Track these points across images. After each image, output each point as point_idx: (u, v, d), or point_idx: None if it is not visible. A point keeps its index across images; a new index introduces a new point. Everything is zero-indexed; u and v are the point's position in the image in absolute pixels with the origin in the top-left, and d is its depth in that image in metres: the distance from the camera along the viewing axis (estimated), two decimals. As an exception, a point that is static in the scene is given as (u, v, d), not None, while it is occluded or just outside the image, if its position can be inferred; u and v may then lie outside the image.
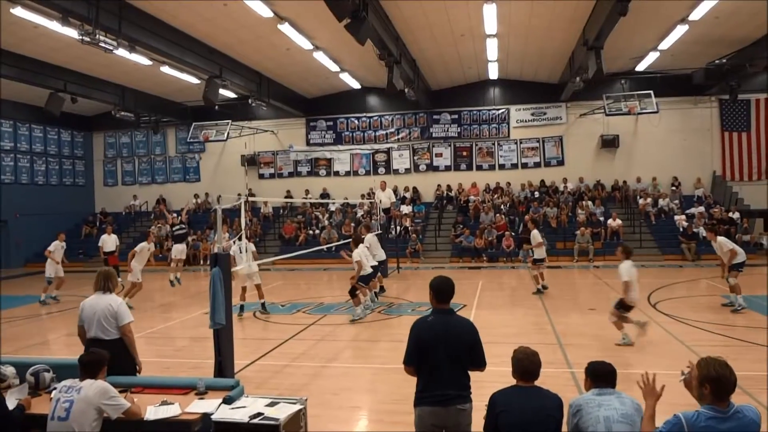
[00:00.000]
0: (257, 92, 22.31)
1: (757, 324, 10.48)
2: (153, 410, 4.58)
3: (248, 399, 4.84)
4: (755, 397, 6.45)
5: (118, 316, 5.50)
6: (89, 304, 5.57)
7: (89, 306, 5.55)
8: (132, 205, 28.63)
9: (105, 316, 5.47)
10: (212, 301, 6.95)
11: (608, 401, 3.63)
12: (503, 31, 18.51)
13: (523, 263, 20.95)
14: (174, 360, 9.01)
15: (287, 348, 9.66)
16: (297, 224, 25.06)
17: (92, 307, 5.52)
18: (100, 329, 5.46)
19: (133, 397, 4.75)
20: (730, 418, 3.22)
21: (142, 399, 4.78)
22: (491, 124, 26.08)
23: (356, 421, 6.55)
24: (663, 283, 15.68)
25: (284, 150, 27.69)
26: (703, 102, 24.36)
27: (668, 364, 8.23)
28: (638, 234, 22.38)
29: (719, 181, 24.31)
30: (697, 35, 18.66)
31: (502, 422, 3.71)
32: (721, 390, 3.25)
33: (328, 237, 22.86)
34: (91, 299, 5.61)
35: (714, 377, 3.26)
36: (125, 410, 4.36)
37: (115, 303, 5.56)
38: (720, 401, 3.26)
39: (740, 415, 3.23)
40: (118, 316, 5.50)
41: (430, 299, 4.30)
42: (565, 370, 7.94)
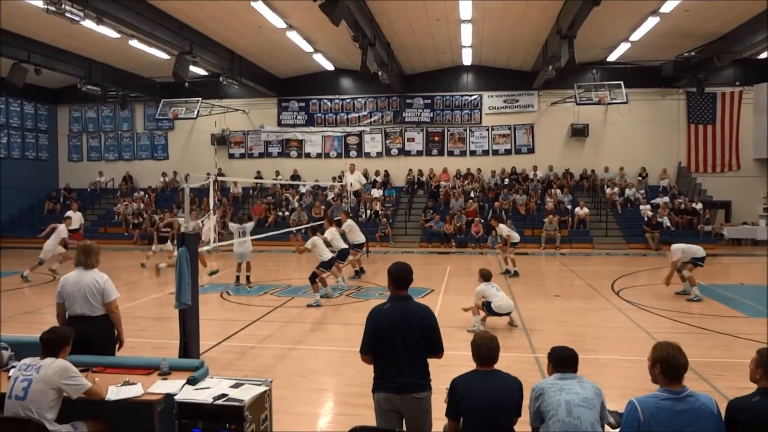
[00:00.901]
0: (229, 70, 21.93)
1: (716, 312, 10.80)
2: (115, 390, 4.51)
3: (212, 380, 4.80)
4: (711, 383, 6.64)
5: (104, 292, 5.41)
6: (72, 280, 5.43)
7: (72, 283, 5.42)
8: (97, 182, 28.03)
9: (91, 292, 5.36)
10: (178, 280, 6.85)
11: (569, 386, 3.68)
12: (478, 17, 18.49)
13: (492, 249, 21.15)
14: (138, 340, 8.87)
15: (254, 330, 9.61)
16: (267, 205, 24.85)
17: (75, 284, 5.39)
18: (87, 306, 5.36)
19: (95, 376, 4.67)
20: (683, 401, 3.31)
21: (104, 379, 4.70)
22: (463, 110, 26.14)
23: (322, 403, 6.56)
24: (627, 271, 16.02)
25: (255, 130, 27.35)
26: (670, 94, 24.78)
27: (630, 350, 8.45)
28: (604, 223, 22.76)
29: (684, 173, 24.83)
30: (668, 28, 18.92)
31: (464, 406, 3.76)
32: (671, 370, 3.36)
33: (298, 219, 22.73)
34: (72, 275, 5.47)
35: (664, 357, 3.38)
36: (86, 390, 4.29)
37: (102, 279, 5.46)
38: (672, 383, 3.36)
39: (693, 398, 3.33)
40: (105, 292, 5.41)
41: (388, 285, 4.29)
42: (530, 355, 8.07)
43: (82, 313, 5.36)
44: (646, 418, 3.29)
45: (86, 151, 28.96)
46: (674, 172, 25.11)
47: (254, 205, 25.13)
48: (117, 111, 28.13)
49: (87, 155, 28.94)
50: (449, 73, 25.92)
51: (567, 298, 12.37)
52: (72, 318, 5.38)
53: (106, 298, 5.42)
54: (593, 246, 21.79)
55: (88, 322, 5.30)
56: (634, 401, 3.39)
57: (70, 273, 5.54)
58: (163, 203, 25.73)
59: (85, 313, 5.35)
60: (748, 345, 8.18)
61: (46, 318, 8.99)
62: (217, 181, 9.86)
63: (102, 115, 28.64)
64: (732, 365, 7.37)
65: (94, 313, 5.38)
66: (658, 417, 3.28)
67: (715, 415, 3.32)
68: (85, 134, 28.89)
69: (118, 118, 28.44)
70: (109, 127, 28.69)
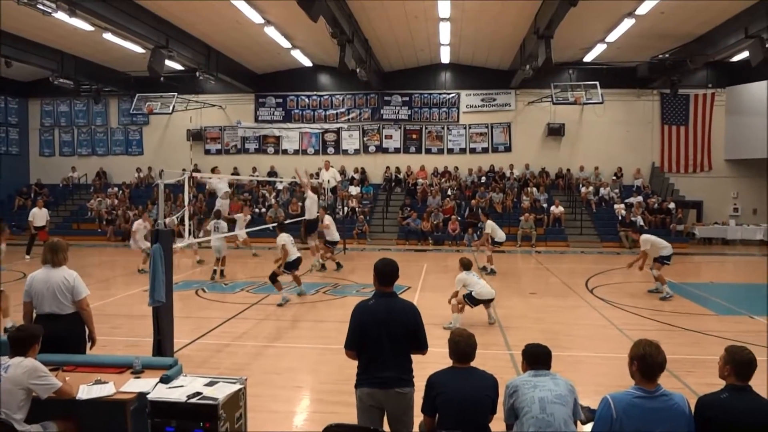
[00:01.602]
0: (205, 65, 21.69)
1: (687, 310, 10.99)
2: (86, 389, 4.43)
3: (186, 378, 4.75)
4: (682, 379, 6.76)
5: (74, 290, 5.32)
6: (39, 278, 5.33)
7: (40, 281, 5.31)
8: (70, 177, 27.53)
9: (61, 290, 5.27)
10: (152, 278, 6.75)
11: (543, 382, 3.72)
12: (456, 15, 18.54)
13: (468, 247, 21.26)
14: (110, 338, 8.74)
15: (229, 327, 9.54)
16: (243, 202, 24.63)
17: (44, 282, 5.29)
18: (56, 304, 5.26)
19: (65, 375, 4.59)
20: (656, 399, 3.36)
21: (75, 378, 4.62)
22: (441, 108, 26.21)
23: (297, 401, 6.53)
24: (601, 269, 16.21)
25: (232, 126, 27.12)
26: (645, 95, 25.12)
27: (603, 347, 8.57)
28: (579, 221, 23.03)
29: (657, 173, 25.21)
30: (643, 29, 19.18)
31: (440, 402, 3.78)
32: (647, 368, 3.40)
33: (275, 216, 22.59)
34: (40, 273, 5.37)
35: (641, 355, 3.42)
36: (56, 390, 4.21)
37: (71, 277, 5.37)
38: (647, 381, 3.41)
39: (666, 397, 3.38)
40: (75, 290, 5.33)
41: (374, 281, 4.29)
42: (505, 352, 8.13)
43: (51, 311, 5.26)
44: (618, 415, 3.33)
45: (58, 145, 28.42)
46: (648, 172, 25.48)
47: (231, 201, 24.89)
48: (90, 105, 27.64)
49: (59, 150, 28.40)
50: (427, 71, 25.96)
51: (542, 295, 12.48)
52: (40, 317, 5.28)
53: (76, 295, 5.32)
54: (568, 244, 22.03)
55: (57, 320, 5.20)
56: (608, 397, 3.43)
57: (38, 271, 5.44)
58: (138, 199, 25.38)
59: (54, 311, 5.26)
60: (717, 342, 8.33)
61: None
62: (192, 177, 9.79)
63: (75, 109, 28.13)
64: (702, 362, 7.51)
65: (64, 311, 5.29)
66: (630, 414, 3.32)
67: (686, 414, 3.38)
68: (58, 128, 28.34)
69: (92, 112, 27.96)
70: (82, 122, 28.19)
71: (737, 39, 17.74)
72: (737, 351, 3.56)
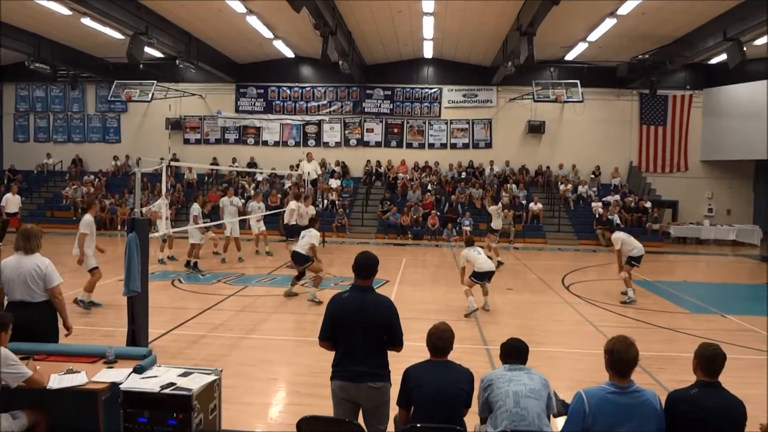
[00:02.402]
0: (186, 53, 21.43)
1: (661, 308, 11.15)
2: (57, 379, 4.36)
3: (160, 368, 4.70)
4: (654, 375, 6.86)
5: (47, 278, 5.22)
6: (11, 265, 5.23)
7: (11, 268, 5.21)
8: (45, 164, 27.08)
9: (32, 278, 5.17)
10: (127, 267, 6.67)
11: (518, 377, 3.76)
12: (440, 11, 18.55)
13: (447, 242, 21.37)
14: (84, 327, 8.63)
15: (205, 318, 9.46)
16: (222, 192, 24.42)
17: (15, 269, 5.19)
18: (27, 292, 5.16)
19: (36, 364, 4.51)
20: (628, 395, 3.41)
21: (46, 367, 4.54)
22: (423, 103, 26.23)
23: (272, 393, 6.51)
24: (577, 266, 16.39)
25: (212, 115, 26.86)
26: (624, 95, 25.39)
27: (578, 343, 8.66)
28: (557, 218, 23.24)
29: (635, 172, 25.52)
30: (624, 29, 19.36)
31: (415, 395, 3.78)
32: (618, 364, 3.44)
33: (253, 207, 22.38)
34: (12, 260, 5.27)
35: (611, 351, 3.47)
36: (26, 379, 4.14)
37: (43, 264, 5.26)
38: (619, 377, 3.45)
39: (638, 393, 3.43)
40: (47, 278, 5.22)
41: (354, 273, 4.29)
42: (481, 347, 8.18)
43: (22, 299, 5.17)
44: (591, 409, 3.37)
45: (33, 131, 27.92)
46: (626, 171, 25.79)
47: (209, 192, 24.70)
48: (67, 91, 27.19)
49: (34, 136, 27.91)
50: (410, 65, 25.96)
51: (519, 291, 12.58)
52: (11, 304, 5.18)
53: (48, 283, 5.24)
54: (546, 241, 22.22)
55: (28, 308, 5.11)
56: (581, 392, 3.47)
57: (9, 258, 5.34)
58: (114, 188, 25.08)
59: (25, 299, 5.17)
60: (690, 340, 8.48)
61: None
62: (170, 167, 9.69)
63: (51, 94, 27.64)
64: (674, 359, 7.63)
65: (35, 299, 5.20)
66: (602, 408, 3.36)
67: (657, 411, 3.42)
68: (33, 114, 27.83)
69: (69, 98, 27.50)
70: (59, 108, 27.71)
71: (715, 41, 18.00)
72: (704, 347, 3.63)
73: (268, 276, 13.59)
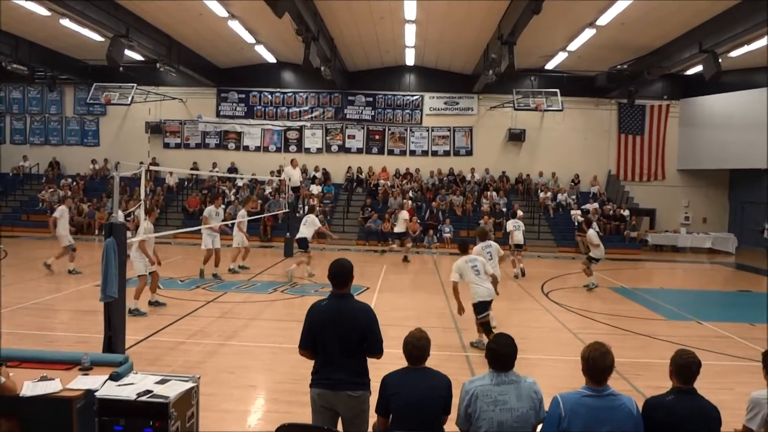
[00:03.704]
0: (166, 57, 21.26)
1: (638, 314, 11.28)
2: (30, 386, 4.28)
3: (137, 376, 4.63)
4: (631, 381, 6.93)
5: None
6: None
7: None
8: (21, 166, 26.65)
9: None
10: (104, 272, 6.58)
11: (504, 395, 3.59)
12: (422, 18, 18.64)
13: (428, 249, 21.41)
14: (59, 333, 8.51)
15: (184, 324, 9.37)
16: (202, 197, 24.27)
17: None
18: None
19: (8, 371, 4.42)
20: (603, 399, 3.44)
21: (19, 374, 4.45)
22: (405, 110, 26.32)
23: (251, 401, 6.45)
24: (556, 273, 16.53)
25: (192, 120, 26.67)
26: (603, 104, 25.72)
27: (556, 350, 8.72)
28: (537, 226, 23.39)
29: (613, 180, 25.83)
30: (603, 40, 19.61)
31: (393, 403, 3.77)
32: (593, 369, 3.47)
33: (234, 213, 22.27)
34: None
35: (586, 357, 3.50)
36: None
37: None
38: (595, 382, 3.48)
39: (613, 397, 3.46)
40: None
41: None
42: (461, 354, 8.20)
43: None
44: (566, 413, 3.40)
45: (9, 133, 27.46)
46: (604, 179, 26.09)
47: (189, 196, 24.52)
48: (45, 93, 26.83)
49: (10, 138, 27.45)
50: (392, 72, 26.03)
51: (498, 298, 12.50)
52: None
53: None
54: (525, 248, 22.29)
55: None
56: (558, 396, 3.51)
57: None
58: (92, 192, 24.76)
59: None
60: (666, 346, 8.58)
61: None
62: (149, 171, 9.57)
63: (28, 96, 27.24)
64: (650, 365, 7.71)
65: None
66: (577, 412, 3.39)
67: (634, 415, 3.45)
68: (9, 116, 27.38)
69: (46, 100, 27.13)
70: (36, 110, 27.32)
71: (692, 53, 18.31)
72: (679, 354, 3.69)
73: (248, 282, 13.50)
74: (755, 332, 10.03)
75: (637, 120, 25.70)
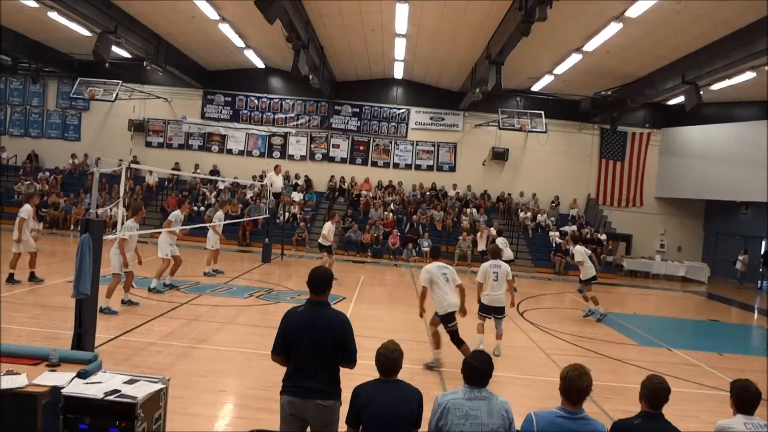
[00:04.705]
0: (154, 56, 21.14)
1: (610, 338, 11.39)
2: (-5, 380, 4.21)
3: (105, 374, 4.56)
4: (600, 405, 6.99)
5: None
6: None
7: None
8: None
9: None
10: (78, 268, 6.51)
11: (476, 409, 3.60)
12: (413, 33, 18.79)
13: (406, 262, 21.44)
14: (27, 328, 8.36)
15: (156, 325, 9.26)
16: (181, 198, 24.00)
17: None
18: None
19: (-27, 364, 4.34)
20: (576, 422, 3.46)
21: (-16, 367, 4.38)
22: (390, 123, 26.42)
23: (220, 405, 6.39)
24: (532, 293, 16.62)
25: (176, 120, 26.49)
26: (586, 128, 26.07)
27: (528, 369, 8.77)
28: (515, 245, 23.50)
29: (592, 204, 26.14)
30: (589, 65, 19.93)
31: (364, 414, 3.75)
32: (570, 391, 3.50)
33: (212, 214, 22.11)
34: None
35: (565, 377, 3.54)
36: (-38, 378, 3.98)
37: None
38: (571, 403, 3.51)
39: (586, 421, 3.49)
40: None
41: None
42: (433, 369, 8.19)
43: None
44: (539, 430, 3.41)
45: (-11, 123, 27.04)
46: (584, 202, 26.39)
47: (168, 197, 24.29)
48: (27, 84, 26.46)
49: (-11, 128, 27.03)
50: (380, 84, 26.16)
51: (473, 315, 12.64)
52: None
53: None
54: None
55: None
56: (532, 414, 3.53)
57: None
58: (70, 186, 24.43)
59: None
60: (636, 371, 8.68)
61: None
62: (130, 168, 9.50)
63: (10, 86, 26.83)
64: (620, 389, 7.79)
65: None
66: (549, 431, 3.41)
67: None
68: (-11, 105, 26.99)
69: (28, 91, 26.76)
70: (17, 101, 26.93)
71: (674, 83, 18.69)
72: (650, 380, 3.75)
73: (224, 286, 13.40)
74: (724, 362, 10.18)
75: (618, 146, 26.08)
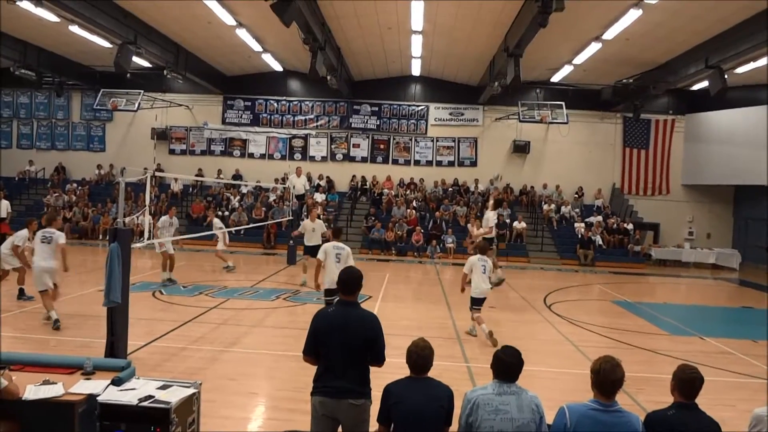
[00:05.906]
0: (174, 64, 21.40)
1: (641, 329, 11.24)
2: (33, 390, 4.30)
3: (139, 381, 4.65)
4: (633, 396, 6.91)
5: None
6: None
7: None
8: (27, 171, 26.75)
9: None
10: (108, 277, 6.63)
11: (506, 404, 3.57)
12: (429, 29, 18.74)
13: (431, 259, 21.41)
14: (61, 338, 8.53)
15: (186, 330, 9.37)
16: (206, 204, 24.32)
17: None
18: None
19: (11, 375, 4.44)
20: (610, 413, 3.43)
21: (22, 378, 4.47)
22: (410, 120, 26.39)
23: (252, 408, 6.45)
24: (559, 285, 16.48)
25: (198, 126, 26.78)
26: (608, 117, 25.73)
27: (557, 362, 8.70)
28: (540, 238, 23.38)
29: (617, 194, 25.80)
30: (609, 54, 19.67)
31: (395, 412, 3.75)
32: (603, 384, 3.47)
33: (238, 219, 22.35)
34: None
35: (597, 370, 3.50)
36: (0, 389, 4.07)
37: None
38: (604, 395, 3.48)
39: (620, 414, 3.45)
40: None
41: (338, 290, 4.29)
42: (462, 365, 8.18)
43: None
44: (572, 424, 3.39)
45: (16, 138, 27.59)
46: (608, 192, 26.07)
47: (193, 203, 24.58)
48: (52, 98, 26.98)
49: (17, 142, 27.57)
50: (397, 82, 26.13)
51: (501, 309, 12.60)
52: None
53: None
54: (528, 260, 22.32)
55: None
56: (565, 407, 3.51)
57: None
58: (97, 196, 24.85)
59: None
60: (668, 361, 8.55)
61: None
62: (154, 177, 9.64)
63: (36, 101, 27.39)
64: (652, 380, 7.68)
65: None
66: (583, 424, 3.38)
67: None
68: (16, 120, 27.53)
69: (53, 105, 27.27)
70: (43, 114, 27.46)
71: (697, 68, 18.34)
72: (682, 369, 3.68)
73: (251, 289, 13.52)
74: (758, 349, 9.99)
75: (642, 134, 25.71)
